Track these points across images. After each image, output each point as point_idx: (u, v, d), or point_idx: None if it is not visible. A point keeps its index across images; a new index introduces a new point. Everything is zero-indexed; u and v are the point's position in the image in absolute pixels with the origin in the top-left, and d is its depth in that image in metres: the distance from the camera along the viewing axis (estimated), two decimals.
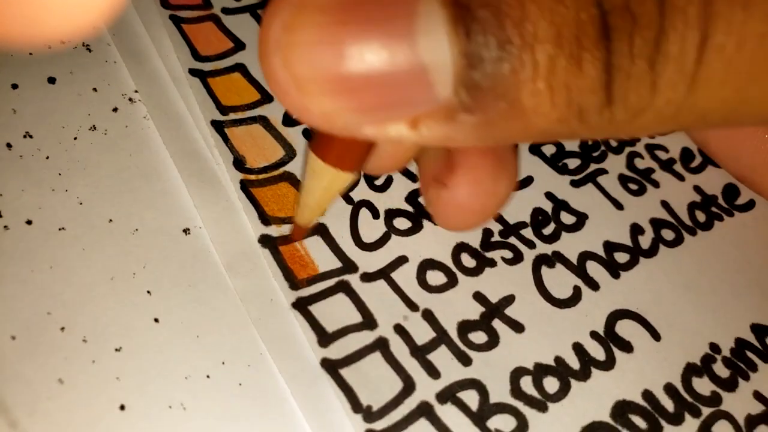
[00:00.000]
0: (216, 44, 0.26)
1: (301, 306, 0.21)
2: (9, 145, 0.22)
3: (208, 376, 0.19)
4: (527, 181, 0.25)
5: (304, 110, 0.14)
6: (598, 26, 0.12)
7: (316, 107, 0.13)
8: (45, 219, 0.21)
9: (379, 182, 0.24)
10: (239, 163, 0.23)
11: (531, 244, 0.24)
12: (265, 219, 0.22)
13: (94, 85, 0.24)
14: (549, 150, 0.26)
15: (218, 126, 0.24)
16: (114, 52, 0.25)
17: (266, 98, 0.25)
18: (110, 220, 0.21)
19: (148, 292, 0.20)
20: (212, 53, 0.26)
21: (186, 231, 0.22)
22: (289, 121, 0.25)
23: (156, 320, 0.20)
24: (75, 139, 0.22)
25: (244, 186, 0.23)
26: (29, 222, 0.20)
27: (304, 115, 0.14)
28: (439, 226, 0.23)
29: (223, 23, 0.26)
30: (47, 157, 0.22)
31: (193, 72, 0.25)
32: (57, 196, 0.21)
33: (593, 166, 0.26)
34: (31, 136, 0.22)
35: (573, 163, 0.26)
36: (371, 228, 0.23)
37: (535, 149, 0.26)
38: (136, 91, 0.24)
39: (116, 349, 0.19)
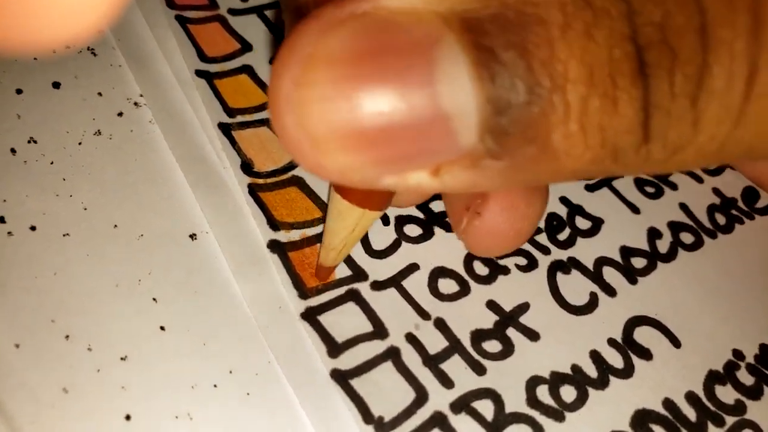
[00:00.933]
0: (222, 45, 0.26)
1: (310, 317, 0.20)
2: (13, 150, 0.21)
3: (215, 386, 0.19)
4: None
5: (319, 168, 0.13)
6: (634, 63, 0.11)
7: (333, 164, 0.13)
8: (49, 225, 0.20)
9: None
10: (247, 167, 0.23)
11: (546, 250, 0.23)
12: (274, 224, 0.22)
13: (98, 89, 0.23)
14: None
15: (225, 129, 0.23)
16: (119, 56, 0.24)
17: None
18: (115, 226, 0.21)
19: (154, 299, 0.20)
20: (219, 54, 0.25)
21: (192, 236, 0.21)
22: None
23: (162, 328, 0.19)
24: (80, 144, 0.22)
25: (252, 190, 0.22)
26: (33, 228, 0.20)
27: (320, 173, 0.13)
28: (472, 252, 0.22)
29: (229, 24, 0.26)
30: (51, 162, 0.21)
31: (199, 73, 0.24)
32: (61, 201, 0.21)
33: None
34: (35, 141, 0.22)
35: None
36: (381, 235, 0.22)
37: None
38: (141, 95, 0.24)
39: (121, 358, 0.19)
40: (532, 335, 0.21)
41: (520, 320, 0.21)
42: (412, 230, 0.23)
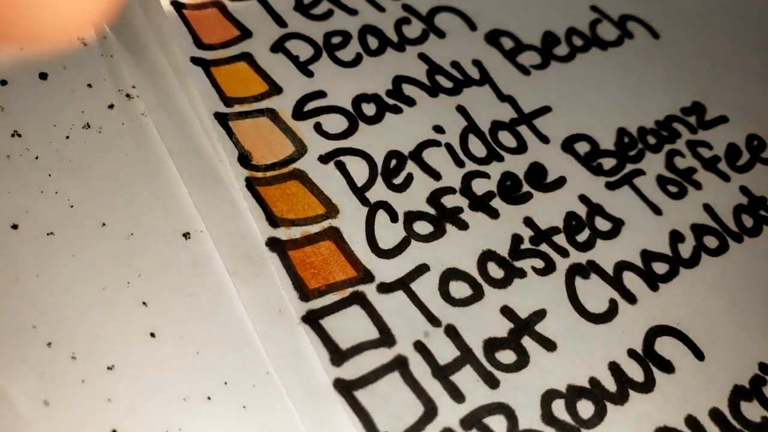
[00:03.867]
0: (221, 32, 0.24)
1: (312, 320, 0.19)
2: None
3: (208, 398, 0.17)
4: (560, 182, 0.23)
5: None
6: None
7: None
8: (32, 223, 0.19)
9: (398, 181, 0.22)
10: (245, 159, 0.21)
11: (564, 253, 0.22)
12: (273, 220, 0.20)
13: (88, 80, 0.22)
14: (583, 148, 0.24)
15: (222, 119, 0.22)
16: (111, 45, 0.23)
17: (275, 89, 0.23)
18: (103, 224, 0.19)
19: (144, 303, 0.18)
20: (216, 41, 0.24)
21: (186, 235, 0.20)
22: (299, 113, 0.23)
23: (152, 335, 0.18)
24: (67, 138, 0.21)
25: (250, 184, 0.21)
26: (15, 227, 0.19)
27: None
28: None
29: (228, 10, 0.24)
30: (36, 157, 0.20)
31: (195, 61, 0.23)
32: (46, 198, 0.19)
33: (629, 167, 0.24)
34: (19, 135, 0.20)
35: (608, 163, 0.24)
36: (389, 232, 0.21)
37: (568, 147, 0.24)
38: (133, 87, 0.22)
39: (108, 367, 0.17)
40: (549, 345, 0.20)
41: (536, 328, 0.20)
42: (423, 227, 0.21)
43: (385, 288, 0.20)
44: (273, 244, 0.20)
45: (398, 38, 0.25)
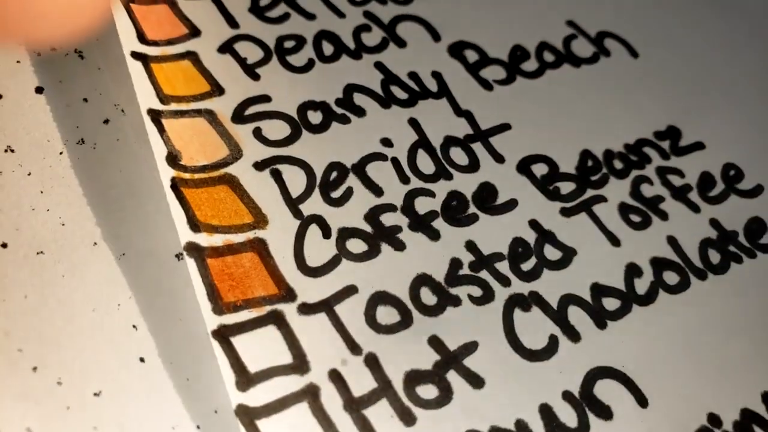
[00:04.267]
0: (168, 29, 0.23)
1: (223, 336, 0.18)
2: None
3: (198, 427, 0.17)
4: (510, 205, 0.22)
5: None
6: None
7: None
8: (22, 242, 0.19)
9: (336, 194, 0.21)
10: (173, 159, 0.20)
11: (505, 281, 0.20)
12: (195, 224, 0.19)
13: (84, 94, 0.21)
14: (540, 170, 0.23)
15: (155, 115, 0.21)
16: (102, 57, 0.22)
17: (216, 90, 0.22)
18: (95, 244, 0.19)
19: (134, 326, 0.18)
20: (162, 38, 0.22)
21: (179, 256, 0.19)
22: (239, 117, 0.22)
23: (141, 360, 0.18)
24: (61, 153, 0.20)
25: (175, 185, 0.20)
26: (4, 245, 0.18)
27: None
28: None
29: (179, 7, 0.23)
30: (29, 174, 0.20)
31: (134, 55, 0.22)
32: (37, 216, 0.19)
33: (590, 192, 0.23)
34: (12, 151, 0.20)
35: (566, 187, 0.23)
36: (319, 249, 0.20)
37: (524, 168, 0.23)
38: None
39: (95, 394, 0.17)
40: (476, 381, 0.18)
41: (464, 362, 0.19)
42: (356, 246, 0.20)
43: (306, 309, 0.19)
44: (191, 249, 0.19)
45: (355, 45, 0.24)
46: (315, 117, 0.22)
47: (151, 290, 0.19)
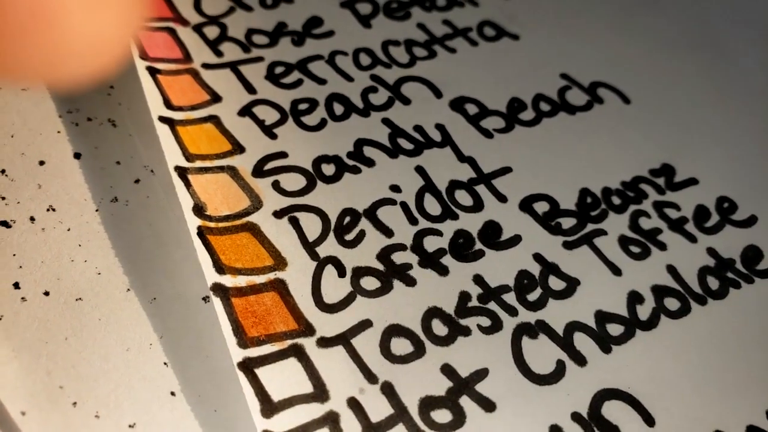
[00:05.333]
0: (191, 96, 0.25)
1: (247, 368, 0.19)
2: (32, 219, 0.22)
3: None
4: (514, 240, 0.23)
5: None
6: None
7: None
8: (63, 289, 0.21)
9: (349, 237, 0.22)
10: (199, 210, 0.22)
11: (513, 311, 0.21)
12: (220, 267, 0.21)
13: (117, 158, 0.24)
14: (542, 208, 0.24)
15: (182, 172, 0.23)
16: (131, 123, 0.25)
17: (237, 148, 0.24)
18: (128, 290, 0.21)
19: (165, 363, 0.20)
20: (186, 104, 0.25)
21: (206, 299, 0.21)
22: (259, 171, 0.24)
23: (172, 393, 0.19)
24: (96, 210, 0.23)
25: (201, 232, 0.21)
26: (47, 293, 0.20)
27: None
28: None
29: (201, 77, 0.26)
30: (68, 229, 0.22)
31: (162, 119, 0.24)
32: (76, 266, 0.21)
33: (590, 227, 0.24)
34: (54, 210, 0.22)
35: (567, 222, 0.24)
36: (335, 287, 0.21)
37: (526, 206, 0.24)
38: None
39: (130, 425, 0.18)
40: (488, 405, 0.19)
41: (476, 388, 0.19)
42: (370, 283, 0.21)
43: (325, 342, 0.20)
44: (217, 289, 0.20)
45: (363, 105, 0.26)
46: (328, 169, 0.24)
47: (180, 330, 0.20)
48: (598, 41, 0.30)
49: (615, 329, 0.21)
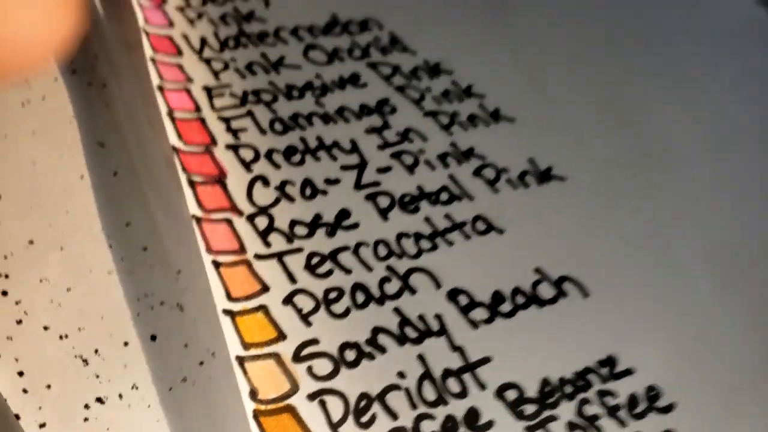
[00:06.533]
0: (246, 287, 0.32)
1: None
2: (120, 396, 0.28)
3: None
4: (488, 425, 0.30)
5: None
6: None
7: None
8: None
9: (364, 419, 0.30)
10: (253, 395, 0.29)
11: None
12: None
13: (185, 341, 0.30)
14: (511, 395, 0.31)
15: (240, 361, 0.30)
16: (199, 312, 0.31)
17: (281, 336, 0.31)
18: None
19: None
20: (242, 295, 0.32)
21: None
22: (297, 357, 0.31)
23: None
24: (170, 389, 0.29)
25: (256, 415, 0.29)
26: None
27: None
28: None
29: (253, 268, 0.33)
30: (149, 406, 0.28)
31: (225, 312, 0.31)
32: None
33: (546, 413, 0.31)
34: (137, 388, 0.28)
35: (529, 408, 0.31)
36: None
37: (500, 394, 0.31)
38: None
39: None
40: None
41: None
42: None
43: None
44: None
45: (380, 294, 0.33)
46: (350, 355, 0.31)
47: None
48: (571, 235, 0.38)
49: None
